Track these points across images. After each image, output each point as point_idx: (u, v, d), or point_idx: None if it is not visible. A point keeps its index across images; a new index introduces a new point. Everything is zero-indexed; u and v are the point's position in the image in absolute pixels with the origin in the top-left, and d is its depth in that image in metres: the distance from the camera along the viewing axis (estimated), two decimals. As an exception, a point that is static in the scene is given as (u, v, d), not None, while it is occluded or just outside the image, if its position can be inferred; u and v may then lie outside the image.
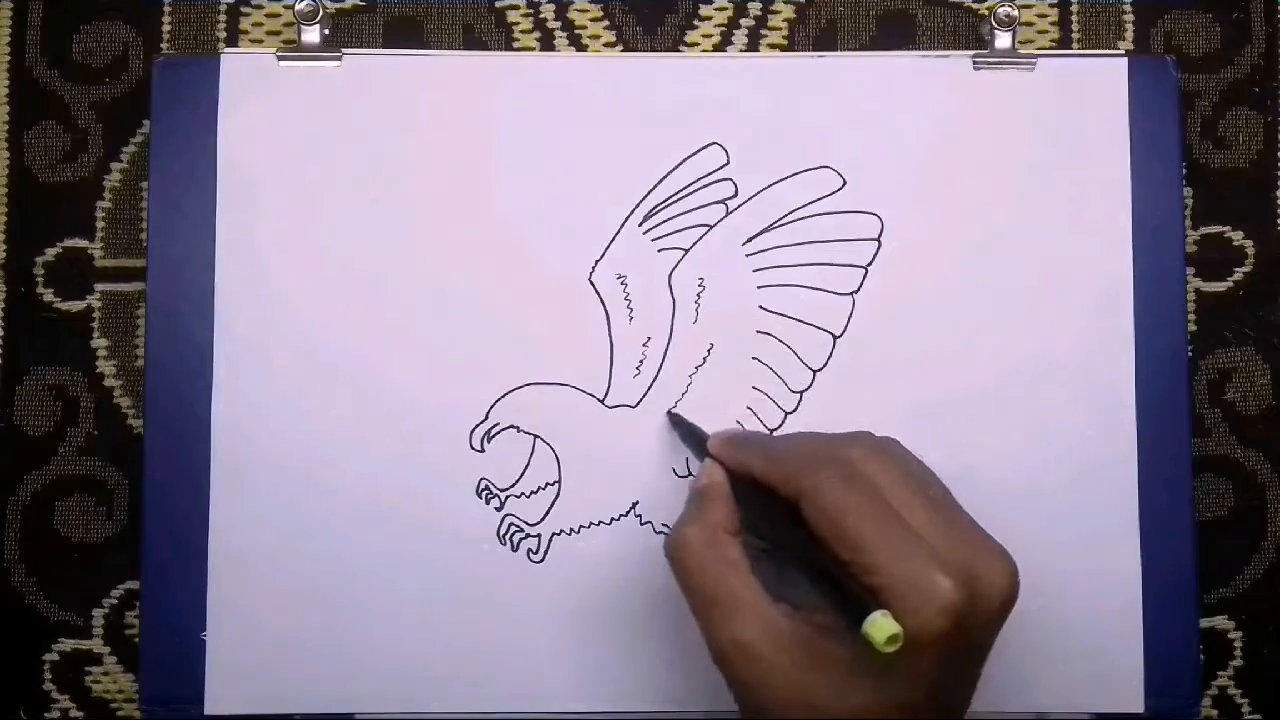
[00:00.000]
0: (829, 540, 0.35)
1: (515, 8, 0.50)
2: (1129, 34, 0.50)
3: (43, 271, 0.49)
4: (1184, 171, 0.48)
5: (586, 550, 0.46)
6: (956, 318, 0.46)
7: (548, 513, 0.46)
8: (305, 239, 0.47)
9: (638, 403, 0.46)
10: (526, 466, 0.46)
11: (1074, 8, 0.50)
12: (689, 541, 0.38)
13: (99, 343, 0.49)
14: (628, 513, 0.46)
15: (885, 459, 0.37)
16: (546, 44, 0.50)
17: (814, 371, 0.46)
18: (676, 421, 0.46)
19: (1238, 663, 0.49)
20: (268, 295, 0.46)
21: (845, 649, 0.34)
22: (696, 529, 0.38)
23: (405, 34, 0.50)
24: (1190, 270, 0.49)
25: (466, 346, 0.46)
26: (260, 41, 0.50)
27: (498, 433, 0.46)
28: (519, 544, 0.46)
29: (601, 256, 0.47)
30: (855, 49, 0.50)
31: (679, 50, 0.50)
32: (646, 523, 0.46)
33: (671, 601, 0.46)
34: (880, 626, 0.32)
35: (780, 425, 0.46)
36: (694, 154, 0.47)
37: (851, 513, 0.35)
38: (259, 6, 0.50)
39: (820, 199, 0.47)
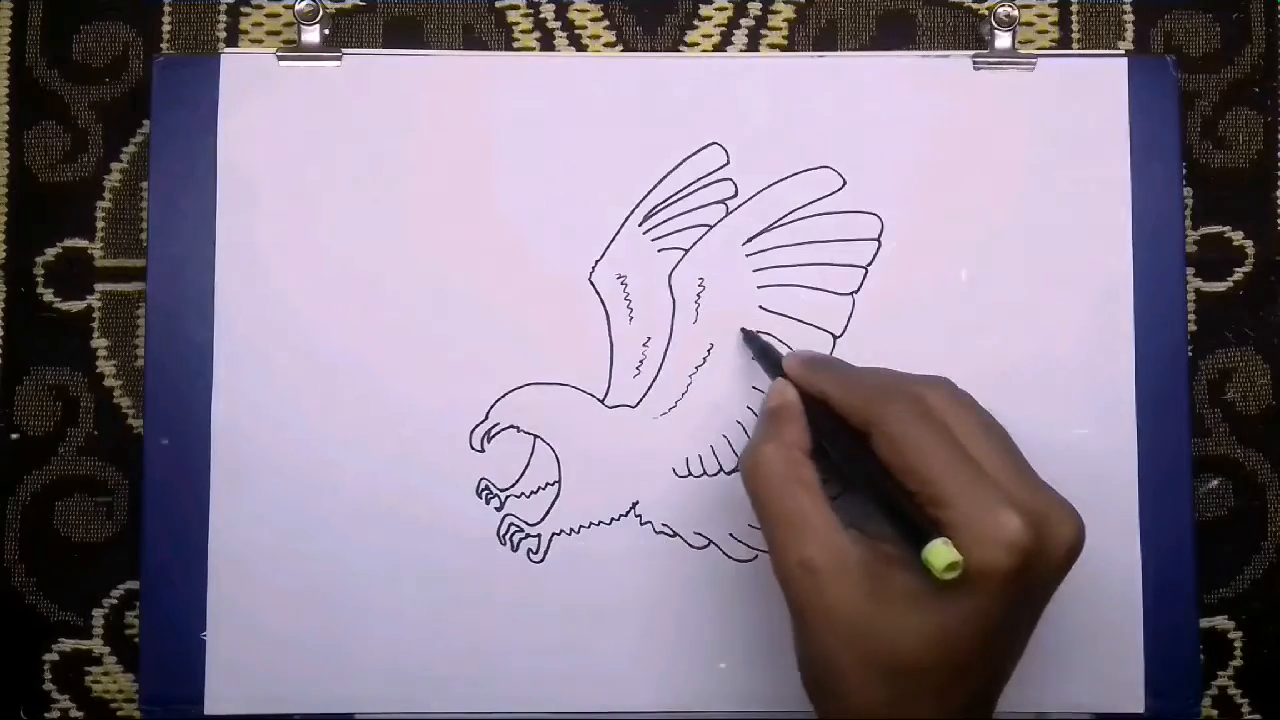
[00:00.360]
0: (897, 470, 0.35)
1: (515, 8, 0.50)
2: (1129, 34, 0.50)
3: (43, 271, 0.49)
4: (1184, 171, 0.48)
5: (586, 550, 0.46)
6: (956, 318, 0.46)
7: (548, 513, 0.46)
8: (305, 239, 0.47)
9: (638, 403, 0.46)
10: (526, 466, 0.46)
11: (1074, 8, 0.50)
12: (765, 459, 0.38)
13: (99, 343, 0.49)
14: (628, 513, 0.46)
15: (960, 404, 0.37)
16: (546, 44, 0.50)
17: (814, 371, 0.46)
18: (750, 339, 0.45)
19: (1238, 663, 0.49)
20: (268, 295, 0.46)
21: (909, 579, 0.34)
22: (773, 447, 0.38)
23: (405, 34, 0.50)
24: (1190, 270, 0.49)
25: (466, 346, 0.46)
26: (260, 41, 0.50)
27: (498, 433, 0.46)
28: (519, 544, 0.46)
29: (601, 256, 0.47)
30: (855, 49, 0.50)
31: (679, 50, 0.50)
32: (646, 523, 0.46)
33: (671, 601, 0.46)
34: (940, 553, 0.33)
35: (780, 425, 0.46)
36: (694, 154, 0.47)
37: (922, 445, 0.35)
38: (259, 6, 0.50)
39: (820, 199, 0.47)
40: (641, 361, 0.47)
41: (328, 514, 0.46)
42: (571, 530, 0.46)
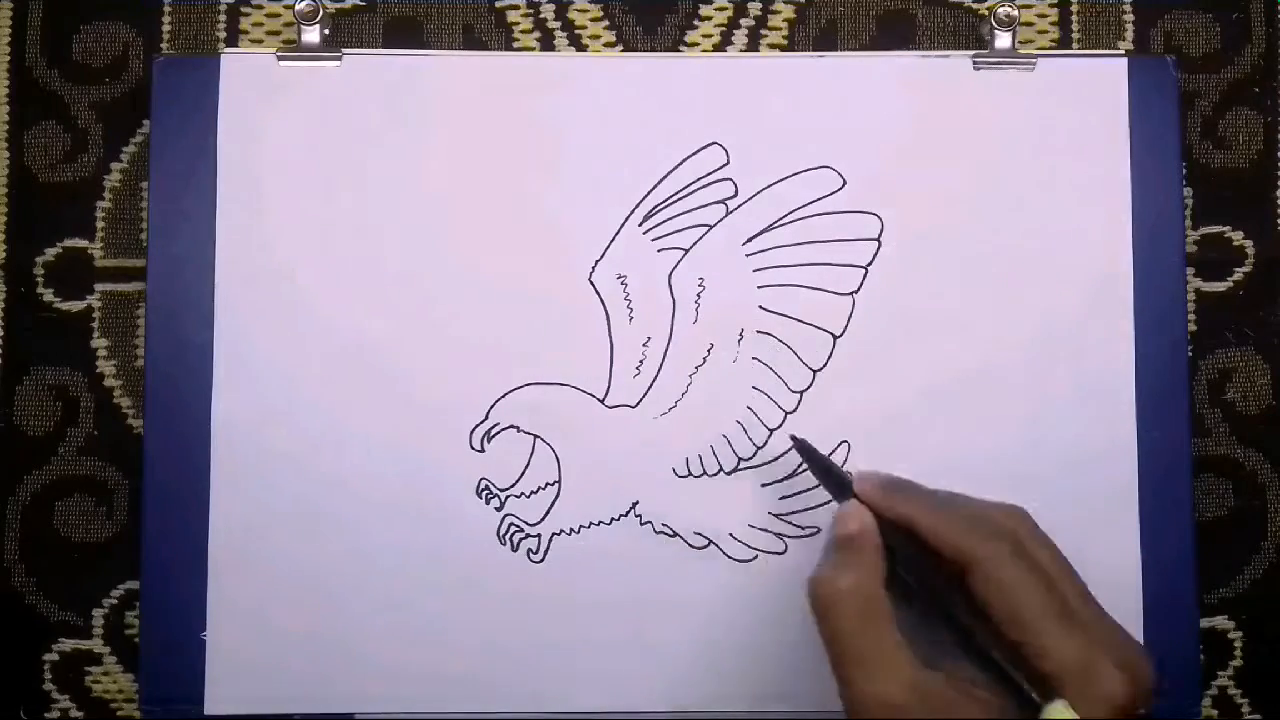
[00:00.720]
0: (999, 616, 0.35)
1: (515, 8, 0.50)
2: (1129, 34, 0.50)
3: (43, 271, 0.49)
4: (1184, 171, 0.48)
5: (586, 550, 0.46)
6: (956, 317, 0.46)
7: (548, 513, 0.46)
8: (305, 239, 0.47)
9: (638, 403, 0.46)
10: (526, 466, 0.46)
11: (1074, 8, 0.50)
12: (842, 594, 0.36)
13: (99, 343, 0.49)
14: (628, 513, 0.46)
15: (1043, 543, 0.37)
16: (546, 44, 0.50)
17: (814, 371, 0.46)
18: (805, 452, 0.43)
19: (1238, 663, 0.49)
20: (268, 295, 0.46)
21: (985, 708, 0.34)
22: (851, 580, 0.36)
23: (405, 34, 0.50)
24: (1190, 270, 0.49)
25: (466, 347, 0.46)
26: (260, 41, 0.50)
27: (498, 433, 0.46)
28: (519, 544, 0.46)
29: (601, 256, 0.47)
30: (855, 49, 0.50)
31: (679, 50, 0.50)
32: (646, 523, 0.46)
33: (671, 601, 0.46)
34: (1060, 715, 0.33)
35: (780, 425, 0.46)
36: (694, 154, 0.47)
37: (1027, 592, 0.35)
38: (259, 6, 0.50)
39: (820, 199, 0.47)
40: (641, 361, 0.47)
41: (328, 513, 0.46)
42: (571, 530, 0.46)
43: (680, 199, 0.47)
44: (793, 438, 0.43)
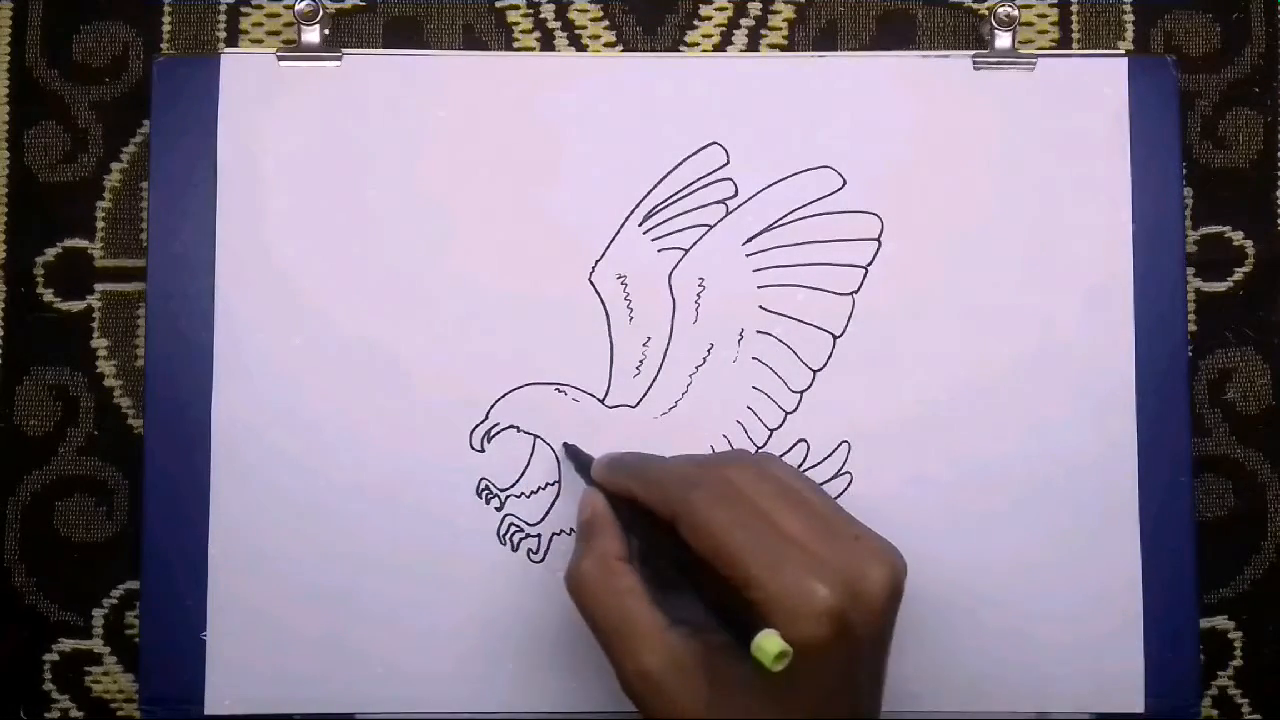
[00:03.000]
0: (708, 557, 0.35)
1: (515, 8, 0.50)
2: (1129, 34, 0.50)
3: (43, 271, 0.49)
4: (1184, 171, 0.48)
5: (586, 550, 0.46)
6: (956, 318, 0.46)
7: (548, 513, 0.46)
8: (305, 239, 0.47)
9: (638, 403, 0.46)
10: (526, 466, 0.46)
11: (1074, 8, 0.50)
12: (583, 575, 0.38)
13: (99, 343, 0.49)
14: (628, 513, 0.46)
15: (760, 474, 0.37)
16: (546, 44, 0.50)
17: (814, 371, 0.46)
18: (572, 453, 0.45)
19: (1238, 663, 0.49)
20: (268, 295, 0.46)
21: (743, 666, 0.34)
22: (590, 562, 0.38)
23: (405, 34, 0.50)
24: (1190, 270, 0.49)
25: (466, 347, 0.46)
26: (260, 41, 0.50)
27: (498, 433, 0.46)
28: (519, 544, 0.46)
29: (601, 256, 0.47)
30: (855, 49, 0.50)
31: (679, 50, 0.50)
32: (646, 523, 0.46)
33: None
34: (766, 646, 0.33)
35: (780, 425, 0.46)
36: (694, 154, 0.47)
37: (726, 527, 0.35)
38: (259, 6, 0.50)
39: (820, 199, 0.47)
40: (641, 361, 0.47)
41: (327, 514, 0.46)
42: (571, 530, 0.46)
43: (680, 199, 0.47)
44: (564, 445, 0.46)
